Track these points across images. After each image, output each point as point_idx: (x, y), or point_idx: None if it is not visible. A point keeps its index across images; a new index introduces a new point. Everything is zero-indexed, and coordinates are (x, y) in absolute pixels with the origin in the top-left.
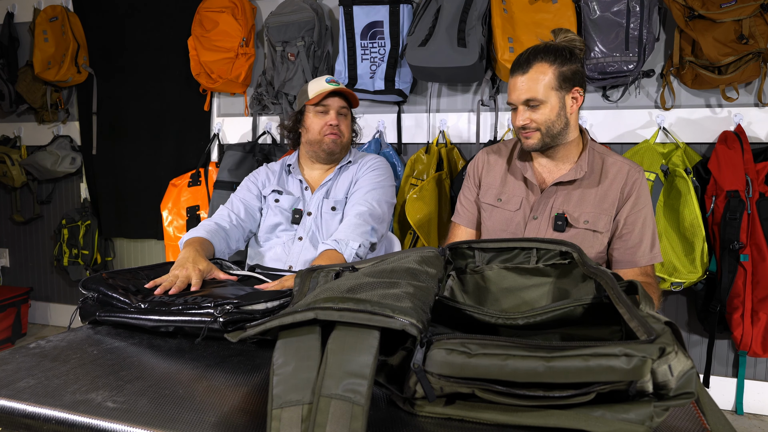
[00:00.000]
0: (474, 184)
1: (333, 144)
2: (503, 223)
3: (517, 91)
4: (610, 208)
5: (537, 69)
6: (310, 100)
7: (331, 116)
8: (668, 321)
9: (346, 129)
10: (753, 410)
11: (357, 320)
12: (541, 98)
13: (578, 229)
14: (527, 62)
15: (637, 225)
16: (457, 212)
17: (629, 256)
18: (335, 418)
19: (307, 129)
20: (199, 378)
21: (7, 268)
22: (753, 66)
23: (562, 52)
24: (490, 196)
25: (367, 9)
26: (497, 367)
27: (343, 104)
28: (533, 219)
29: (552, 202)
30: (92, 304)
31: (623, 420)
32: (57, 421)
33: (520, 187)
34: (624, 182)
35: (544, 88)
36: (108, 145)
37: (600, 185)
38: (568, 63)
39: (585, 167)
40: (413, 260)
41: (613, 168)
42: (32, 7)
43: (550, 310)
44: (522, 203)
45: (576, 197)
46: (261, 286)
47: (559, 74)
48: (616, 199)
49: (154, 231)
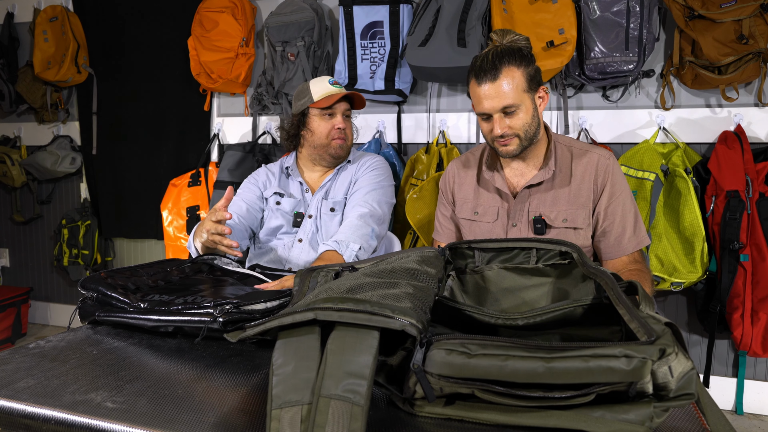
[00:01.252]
0: (448, 201)
1: (340, 149)
2: (485, 235)
3: (490, 99)
4: (586, 202)
5: (506, 73)
6: (315, 102)
7: (339, 120)
8: (668, 322)
9: (350, 132)
10: (753, 410)
11: (357, 320)
12: (518, 103)
13: (558, 228)
14: (494, 68)
15: (617, 214)
16: (437, 230)
17: (615, 246)
18: (335, 418)
19: (313, 132)
20: (198, 378)
21: (7, 268)
22: (753, 66)
23: (522, 53)
24: (466, 211)
25: (367, 9)
26: (497, 367)
27: (348, 107)
28: (513, 227)
29: (527, 207)
30: (92, 304)
31: (623, 420)
32: (56, 421)
33: (494, 197)
34: (595, 173)
35: (518, 92)
36: (108, 145)
37: (572, 181)
38: (531, 63)
39: (553, 166)
40: (413, 260)
41: (583, 160)
42: (32, 7)
43: (549, 310)
44: (498, 213)
45: (550, 198)
46: (261, 285)
47: (527, 75)
48: (591, 191)
49: (154, 231)
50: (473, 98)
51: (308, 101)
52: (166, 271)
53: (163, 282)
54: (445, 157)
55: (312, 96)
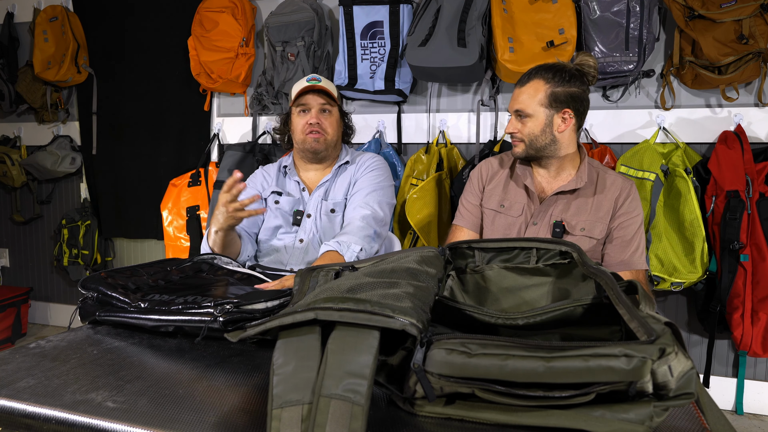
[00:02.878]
0: (478, 189)
1: (315, 143)
2: (506, 228)
3: (513, 100)
4: (605, 216)
5: (533, 84)
6: (292, 100)
7: (311, 114)
8: (668, 321)
9: (330, 126)
10: (753, 410)
11: (357, 320)
12: (529, 112)
13: (575, 236)
14: (528, 76)
15: (631, 229)
16: (460, 215)
17: (622, 257)
18: (335, 418)
19: (292, 130)
20: (198, 378)
21: (7, 268)
22: (753, 66)
23: (562, 74)
24: (493, 202)
25: (367, 9)
26: (497, 367)
27: (324, 101)
28: (533, 224)
29: (552, 211)
30: (92, 304)
31: (623, 420)
32: (57, 421)
33: (522, 194)
34: (618, 194)
35: (534, 104)
36: (108, 145)
37: (596, 195)
38: (565, 85)
39: (585, 178)
40: (413, 260)
41: (608, 180)
42: (32, 7)
43: (550, 310)
44: (524, 209)
45: (574, 206)
46: (261, 285)
47: (551, 93)
48: (611, 208)
49: (154, 231)
50: None
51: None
52: (167, 271)
53: (163, 282)
54: (444, 157)
55: (291, 96)
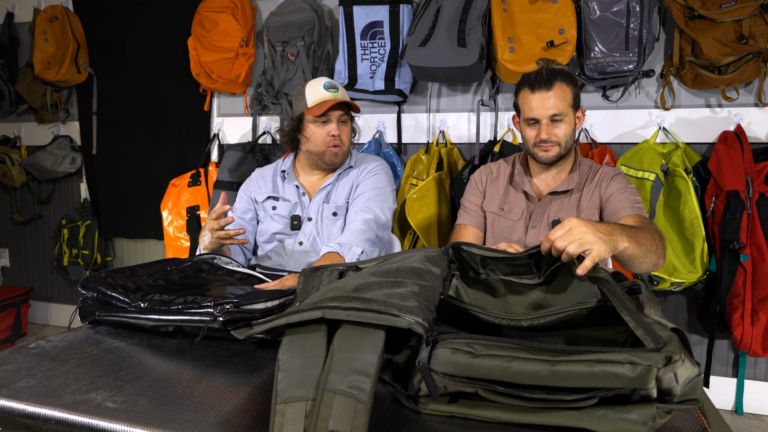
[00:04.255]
0: (480, 191)
1: (335, 156)
2: (506, 231)
3: (543, 107)
4: (596, 205)
5: (560, 87)
6: (309, 109)
7: (333, 127)
8: (675, 327)
9: (346, 137)
10: (753, 410)
11: (364, 319)
12: (565, 113)
13: None
14: (549, 80)
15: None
16: (465, 214)
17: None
18: (338, 412)
19: (308, 139)
20: (198, 378)
21: (7, 268)
22: (753, 66)
23: (571, 75)
24: (493, 206)
25: (367, 9)
26: (501, 368)
27: (343, 112)
28: (533, 228)
29: (548, 211)
30: (92, 304)
31: (626, 420)
32: (57, 421)
33: (521, 198)
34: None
35: (566, 105)
36: (108, 145)
37: (585, 189)
38: (576, 85)
39: (576, 178)
40: (418, 260)
41: (598, 175)
42: (32, 7)
43: (554, 312)
44: (523, 213)
45: (568, 204)
46: (261, 285)
47: (573, 93)
48: (599, 193)
49: (154, 231)
50: (523, 105)
51: (303, 107)
52: (166, 271)
53: (163, 281)
54: (444, 157)
55: (306, 102)
